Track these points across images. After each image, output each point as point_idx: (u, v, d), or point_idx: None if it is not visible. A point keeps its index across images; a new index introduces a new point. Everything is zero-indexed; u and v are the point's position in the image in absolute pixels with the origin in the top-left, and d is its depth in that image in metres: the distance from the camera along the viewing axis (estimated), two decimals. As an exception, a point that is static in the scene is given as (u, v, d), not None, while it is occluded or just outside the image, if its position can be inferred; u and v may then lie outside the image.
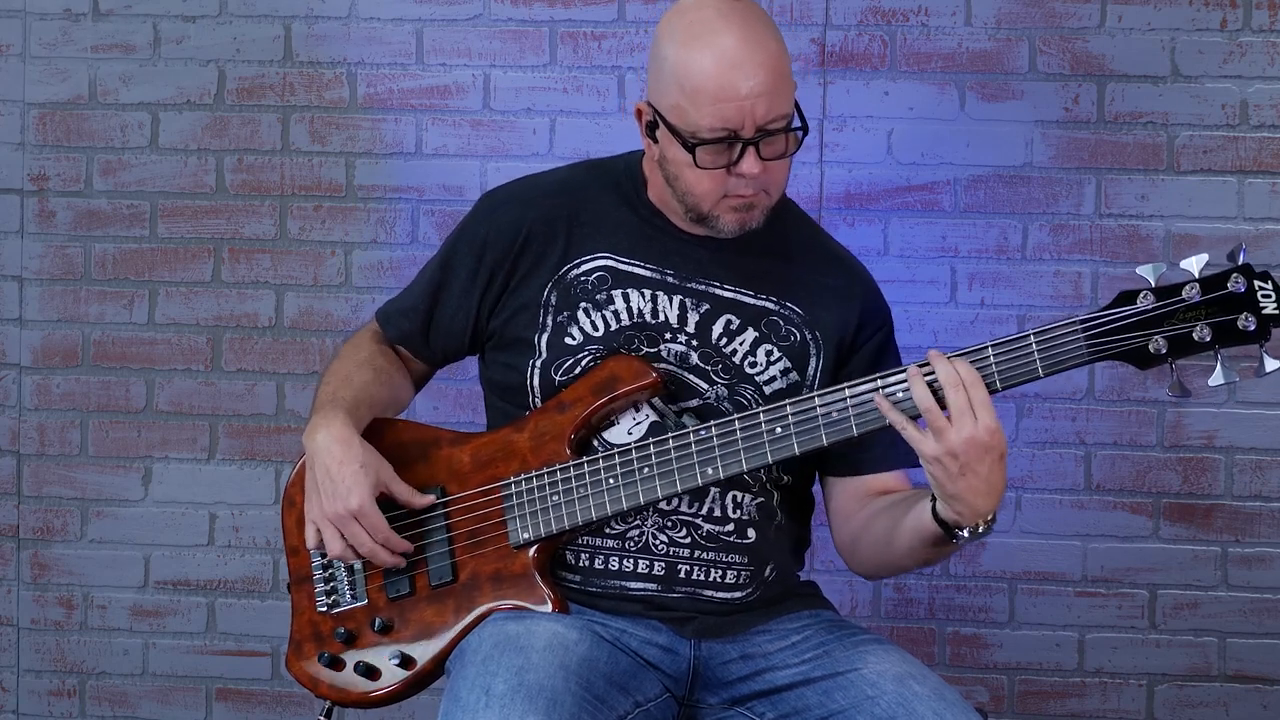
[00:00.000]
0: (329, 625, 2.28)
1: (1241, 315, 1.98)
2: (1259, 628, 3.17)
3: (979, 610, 3.22)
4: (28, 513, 3.38)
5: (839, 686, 2.15)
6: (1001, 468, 2.04)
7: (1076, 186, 3.18)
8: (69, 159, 3.36)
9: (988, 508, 2.05)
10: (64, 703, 3.39)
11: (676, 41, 2.16)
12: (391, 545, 2.20)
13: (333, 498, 2.17)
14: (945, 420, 2.02)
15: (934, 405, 2.03)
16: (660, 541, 2.21)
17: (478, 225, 2.34)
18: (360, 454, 2.19)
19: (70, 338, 3.36)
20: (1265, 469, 3.17)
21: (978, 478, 2.02)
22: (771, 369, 2.26)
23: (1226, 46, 3.15)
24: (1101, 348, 2.02)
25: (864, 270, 2.37)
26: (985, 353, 2.05)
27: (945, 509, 2.06)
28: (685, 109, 2.14)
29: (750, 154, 2.14)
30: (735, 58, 2.11)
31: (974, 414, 2.01)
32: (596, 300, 2.26)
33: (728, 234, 2.21)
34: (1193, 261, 2.00)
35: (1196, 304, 1.99)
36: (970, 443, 2.00)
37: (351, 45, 3.30)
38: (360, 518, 2.17)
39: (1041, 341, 2.03)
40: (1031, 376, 2.04)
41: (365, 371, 2.34)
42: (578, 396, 2.22)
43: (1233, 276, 1.98)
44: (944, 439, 2.01)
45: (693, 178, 2.17)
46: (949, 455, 2.01)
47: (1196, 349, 2.00)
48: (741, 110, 2.11)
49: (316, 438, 2.21)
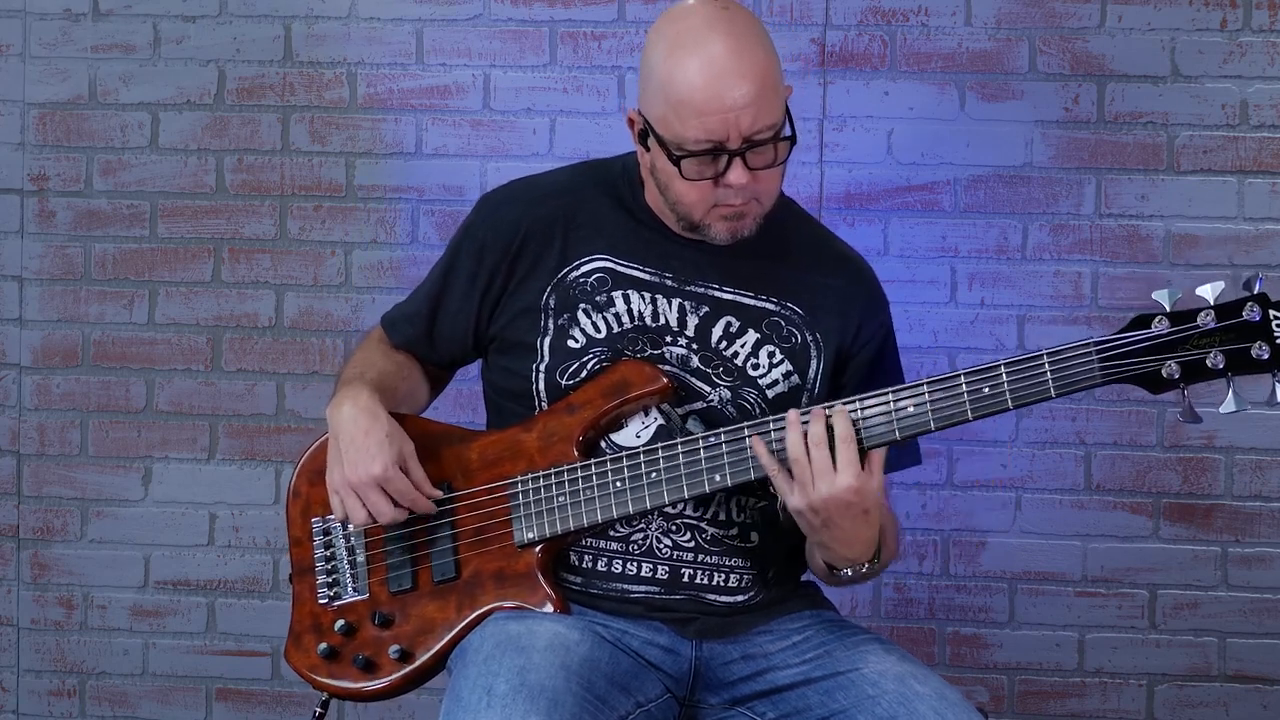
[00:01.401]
0: (329, 617, 2.28)
1: (1256, 344, 1.97)
2: (1259, 628, 3.17)
3: (979, 610, 3.22)
4: (28, 513, 3.38)
5: (840, 686, 2.15)
6: (866, 522, 2.07)
7: (1076, 186, 3.18)
8: (69, 159, 3.35)
9: (855, 556, 2.11)
10: (64, 703, 3.39)
11: (663, 51, 2.14)
12: (418, 505, 2.20)
13: (356, 465, 2.17)
14: (809, 476, 2.05)
15: (802, 457, 2.05)
16: (664, 545, 2.21)
17: (476, 228, 2.34)
18: (386, 424, 2.20)
19: (70, 338, 3.36)
20: (1265, 469, 3.17)
21: (841, 530, 2.07)
22: (774, 372, 2.25)
23: (1226, 46, 3.15)
24: (1114, 371, 2.01)
25: (867, 268, 2.37)
26: (998, 371, 2.04)
27: (821, 552, 2.13)
28: (671, 120, 2.12)
29: (737, 165, 2.12)
30: (720, 69, 2.09)
31: (834, 473, 2.04)
32: (596, 302, 2.25)
33: (720, 242, 2.21)
34: (1208, 289, 1.99)
35: (1211, 331, 1.99)
36: (829, 501, 2.04)
37: (351, 45, 3.30)
38: (385, 483, 2.17)
39: (1055, 362, 2.03)
40: (1043, 397, 2.03)
41: (387, 363, 2.37)
42: (587, 399, 2.22)
43: (1248, 305, 1.98)
44: (805, 493, 2.05)
45: (681, 188, 2.16)
46: (810, 510, 2.05)
47: (1209, 375, 1.99)
48: (726, 122, 2.09)
49: (343, 409, 2.21)
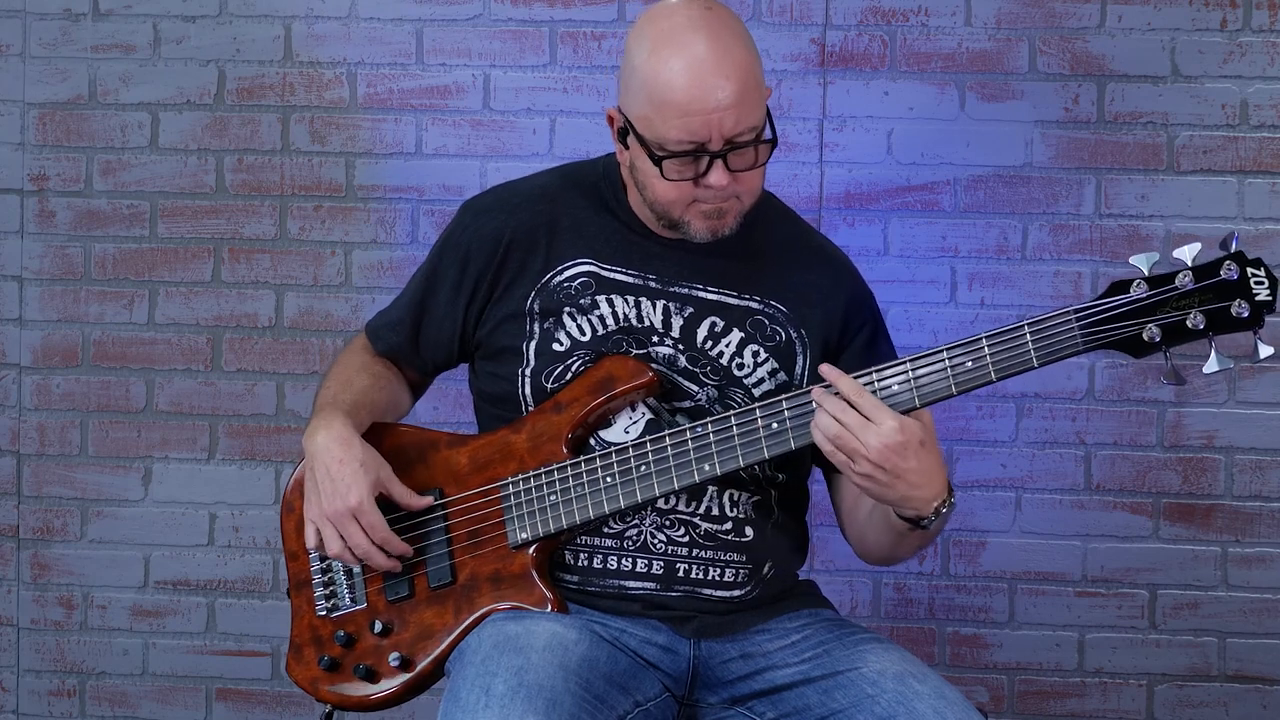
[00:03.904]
0: (329, 629, 2.28)
1: (1235, 302, 1.98)
2: (1259, 628, 3.17)
3: (979, 610, 3.22)
4: (28, 513, 3.38)
5: (839, 685, 2.15)
6: (926, 451, 2.04)
7: (1076, 186, 3.18)
8: (69, 159, 3.36)
9: (936, 492, 2.07)
10: (64, 703, 3.39)
11: (645, 50, 2.13)
12: (389, 547, 2.20)
13: (332, 496, 2.17)
14: (856, 441, 2.02)
15: (839, 429, 2.03)
16: (659, 540, 2.21)
17: (460, 235, 2.33)
18: (360, 453, 2.19)
19: (70, 338, 3.36)
20: (1265, 469, 3.17)
21: (912, 473, 2.04)
22: (759, 370, 2.25)
23: (1226, 46, 3.15)
24: (1096, 337, 2.02)
25: (847, 262, 2.37)
26: (980, 344, 2.05)
27: (906, 508, 2.08)
28: (652, 120, 2.12)
29: (718, 167, 2.12)
30: (702, 70, 2.08)
31: (872, 423, 2.02)
32: (580, 305, 2.25)
33: (700, 240, 2.20)
34: (1185, 250, 2.00)
35: (1190, 292, 2.00)
36: (885, 449, 2.02)
37: (351, 45, 3.30)
38: (359, 515, 2.17)
39: (1036, 331, 2.03)
40: (1026, 367, 2.04)
41: (364, 377, 2.35)
42: (574, 397, 2.22)
43: (1225, 264, 1.99)
44: (863, 456, 2.03)
45: (660, 187, 2.16)
46: (876, 469, 2.03)
47: (1190, 336, 2.01)
48: (709, 124, 2.09)
49: (316, 439, 2.21)
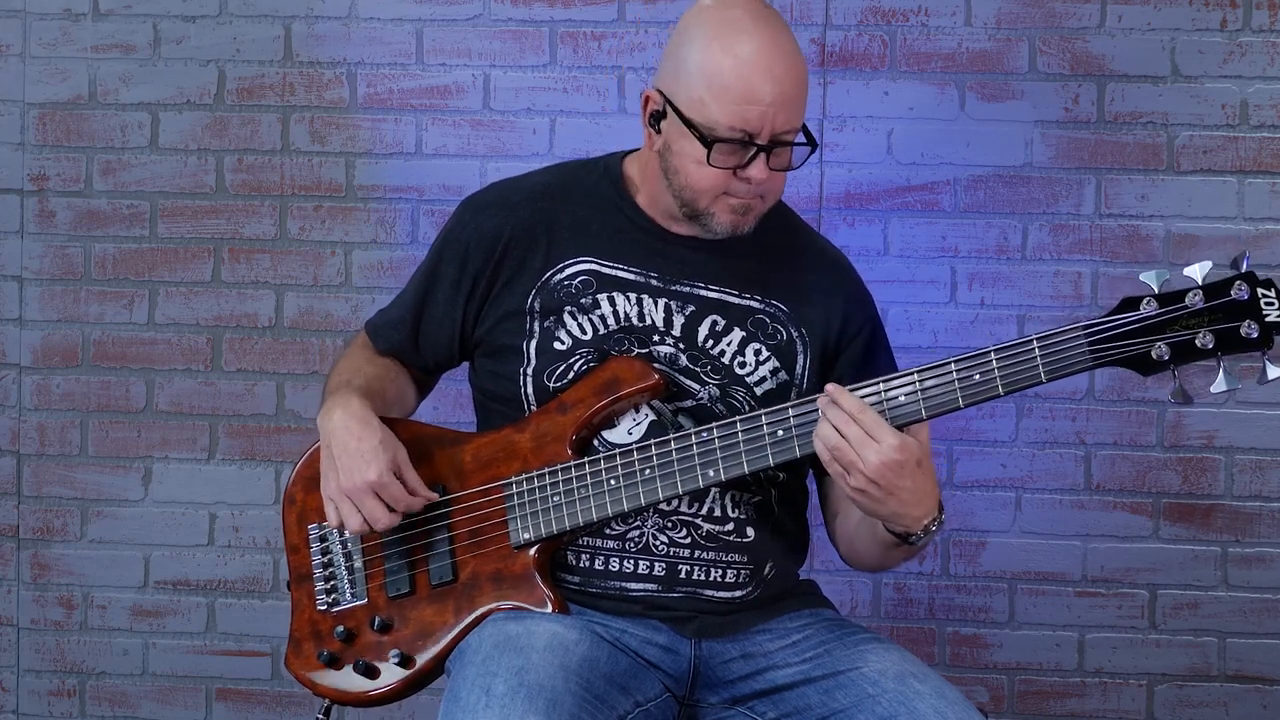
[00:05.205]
0: (329, 624, 2.28)
1: (1244, 322, 1.98)
2: (1259, 628, 3.17)
3: (979, 610, 3.22)
4: (28, 513, 3.38)
5: (840, 685, 2.15)
6: (923, 473, 2.05)
7: (1076, 186, 3.18)
8: (69, 159, 3.35)
9: (926, 511, 2.08)
10: (64, 703, 3.39)
11: (706, 35, 2.15)
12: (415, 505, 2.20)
13: (350, 472, 2.17)
14: (854, 455, 2.03)
15: (840, 441, 2.04)
16: (660, 542, 2.21)
17: (459, 233, 2.34)
18: (379, 430, 2.20)
19: (70, 338, 3.36)
20: (1265, 469, 3.17)
21: (905, 491, 2.04)
22: (761, 369, 2.26)
23: (1226, 46, 3.14)
24: (1104, 353, 2.01)
25: (847, 263, 2.38)
26: (988, 357, 2.05)
27: (895, 524, 2.10)
28: (707, 104, 2.13)
29: (760, 160, 2.14)
30: (764, 62, 2.11)
31: (873, 440, 2.02)
32: (581, 304, 2.25)
33: (719, 234, 2.21)
34: (1196, 269, 1.99)
35: (1199, 311, 1.99)
36: (883, 466, 2.02)
37: (351, 45, 3.30)
38: (380, 489, 2.17)
39: (1044, 346, 2.03)
40: (1034, 382, 2.04)
41: (373, 369, 2.37)
42: (579, 398, 2.22)
43: (1236, 284, 1.98)
44: (860, 470, 2.03)
45: (697, 174, 2.16)
46: (870, 484, 2.03)
47: (1199, 356, 2.00)
48: (764, 116, 2.12)
49: (334, 416, 2.21)
